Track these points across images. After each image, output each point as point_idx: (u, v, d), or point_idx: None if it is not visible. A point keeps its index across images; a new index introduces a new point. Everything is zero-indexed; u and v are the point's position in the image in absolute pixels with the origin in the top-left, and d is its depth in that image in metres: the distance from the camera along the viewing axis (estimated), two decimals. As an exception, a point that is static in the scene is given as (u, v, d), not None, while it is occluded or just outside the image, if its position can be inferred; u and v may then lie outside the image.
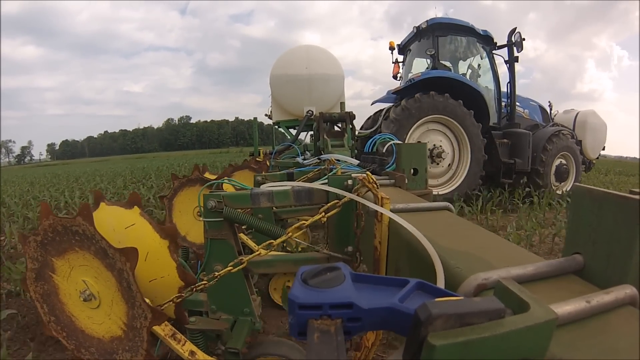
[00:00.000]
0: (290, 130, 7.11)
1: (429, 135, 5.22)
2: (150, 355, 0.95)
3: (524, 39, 5.67)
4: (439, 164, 5.24)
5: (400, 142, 2.13)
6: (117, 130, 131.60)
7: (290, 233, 1.09)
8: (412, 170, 1.67)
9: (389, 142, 2.20)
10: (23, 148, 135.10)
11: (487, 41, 5.88)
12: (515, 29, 5.77)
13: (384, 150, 2.23)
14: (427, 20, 5.70)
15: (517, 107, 6.04)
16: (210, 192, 1.22)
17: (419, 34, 5.85)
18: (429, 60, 5.95)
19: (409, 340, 0.32)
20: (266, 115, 7.70)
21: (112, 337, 1.00)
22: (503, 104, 5.97)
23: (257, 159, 4.72)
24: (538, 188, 5.56)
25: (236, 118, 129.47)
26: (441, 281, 0.55)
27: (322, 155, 2.93)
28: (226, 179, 1.60)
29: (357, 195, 1.08)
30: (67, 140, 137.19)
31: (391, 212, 0.84)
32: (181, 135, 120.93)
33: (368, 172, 1.11)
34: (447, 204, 1.03)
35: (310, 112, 6.23)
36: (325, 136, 3.51)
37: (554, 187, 5.77)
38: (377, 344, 0.81)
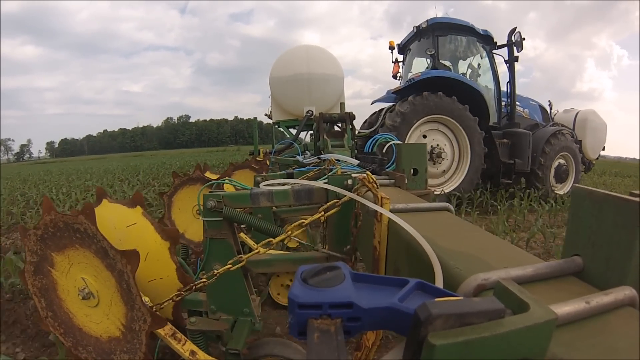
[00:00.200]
0: (290, 130, 7.12)
1: (429, 135, 5.22)
2: (149, 359, 0.94)
3: (524, 39, 5.67)
4: (440, 163, 5.24)
5: (400, 142, 2.13)
6: (116, 129, 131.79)
7: (290, 231, 1.09)
8: (412, 171, 1.67)
9: (389, 142, 2.21)
10: (22, 146, 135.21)
11: (487, 41, 5.88)
12: (515, 28, 5.77)
13: (384, 150, 2.23)
14: (427, 20, 5.70)
15: (517, 107, 6.04)
16: (210, 192, 1.22)
17: (419, 33, 5.85)
18: (429, 60, 5.95)
19: (409, 340, 0.32)
20: (266, 115, 7.71)
21: (110, 337, 0.99)
22: (503, 103, 5.97)
23: (257, 158, 4.72)
24: (537, 189, 5.56)
25: (235, 117, 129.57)
26: (439, 281, 0.55)
27: (322, 155, 2.93)
28: (227, 179, 1.61)
29: (357, 195, 1.08)
30: (66, 138, 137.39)
31: (391, 212, 0.84)
32: (180, 134, 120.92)
33: (368, 172, 1.11)
34: (447, 204, 1.03)
35: (310, 112, 6.23)
36: (325, 136, 3.51)
37: (553, 187, 5.77)
38: (378, 343, 0.81)
